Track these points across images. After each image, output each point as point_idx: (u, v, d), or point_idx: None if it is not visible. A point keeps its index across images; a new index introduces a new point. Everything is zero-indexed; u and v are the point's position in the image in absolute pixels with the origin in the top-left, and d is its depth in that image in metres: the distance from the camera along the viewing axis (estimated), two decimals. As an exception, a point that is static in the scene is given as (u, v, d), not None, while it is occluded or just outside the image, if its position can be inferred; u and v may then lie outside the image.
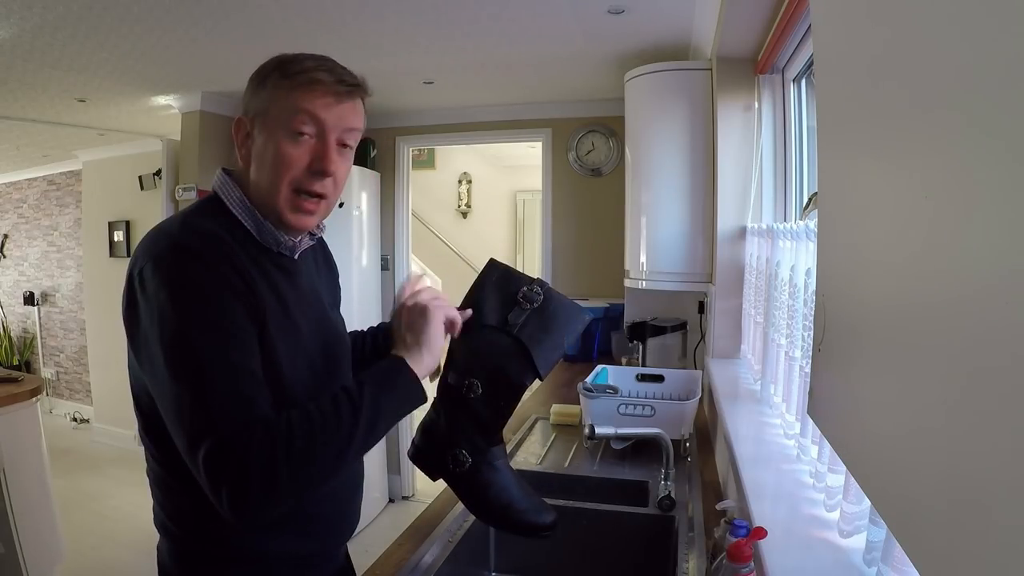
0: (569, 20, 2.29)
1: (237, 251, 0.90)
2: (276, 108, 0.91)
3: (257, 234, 0.95)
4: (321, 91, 0.91)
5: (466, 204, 6.06)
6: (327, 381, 1.01)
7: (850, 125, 0.66)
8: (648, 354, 2.96)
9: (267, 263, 0.95)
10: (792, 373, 1.31)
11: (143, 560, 3.10)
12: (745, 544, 0.94)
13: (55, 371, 5.76)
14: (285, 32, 2.38)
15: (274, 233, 0.95)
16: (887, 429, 0.54)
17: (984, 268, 0.37)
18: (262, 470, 0.80)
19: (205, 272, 0.85)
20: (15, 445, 2.59)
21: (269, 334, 0.90)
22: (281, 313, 0.93)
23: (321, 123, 0.92)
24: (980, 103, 0.37)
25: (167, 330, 0.83)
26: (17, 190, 5.91)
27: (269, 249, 0.96)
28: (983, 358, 0.37)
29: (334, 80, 0.92)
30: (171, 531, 0.96)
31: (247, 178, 0.96)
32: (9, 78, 2.87)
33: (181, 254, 0.85)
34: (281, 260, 0.98)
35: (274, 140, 0.91)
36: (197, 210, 0.95)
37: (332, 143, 0.93)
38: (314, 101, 0.91)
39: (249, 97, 0.94)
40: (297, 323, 0.96)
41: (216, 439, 0.79)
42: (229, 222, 0.94)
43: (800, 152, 2.03)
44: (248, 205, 0.95)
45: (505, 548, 1.56)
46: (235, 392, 0.82)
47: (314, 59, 0.94)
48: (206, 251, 0.86)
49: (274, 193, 0.93)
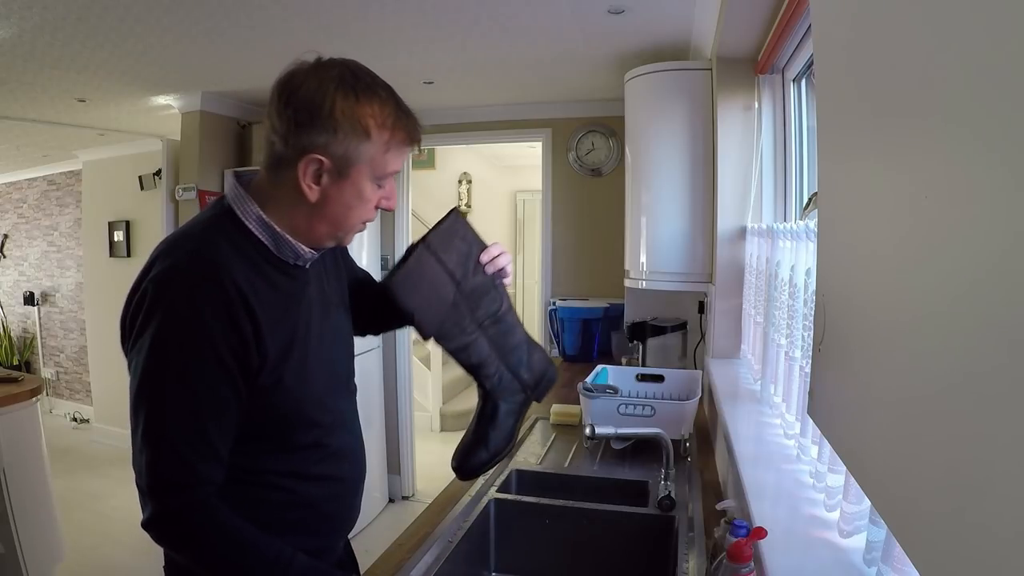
0: (569, 20, 2.29)
1: (247, 272, 0.92)
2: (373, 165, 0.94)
3: (275, 249, 0.97)
4: (408, 151, 0.99)
5: (466, 204, 6.07)
6: (332, 385, 1.06)
7: (850, 125, 0.66)
8: (648, 354, 2.96)
9: (276, 274, 0.97)
10: (792, 373, 1.31)
11: (143, 560, 3.12)
12: (745, 544, 0.94)
13: (55, 371, 5.76)
14: (285, 32, 2.38)
15: (294, 247, 0.98)
16: (887, 429, 0.54)
17: (984, 268, 0.37)
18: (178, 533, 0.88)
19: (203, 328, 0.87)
20: (15, 445, 2.59)
21: (268, 353, 0.92)
22: (287, 326, 0.96)
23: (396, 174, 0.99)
24: (980, 104, 0.37)
25: (148, 359, 0.86)
26: (17, 190, 5.91)
27: (284, 261, 0.98)
28: (983, 358, 0.37)
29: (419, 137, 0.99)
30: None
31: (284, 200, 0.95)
32: (9, 78, 2.87)
33: (181, 285, 0.87)
34: (292, 270, 1.00)
35: (359, 188, 0.94)
36: (212, 226, 0.95)
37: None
38: (402, 161, 0.99)
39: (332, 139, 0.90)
40: (305, 332, 1.00)
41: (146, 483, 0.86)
42: (244, 238, 0.95)
43: (800, 152, 2.03)
44: (266, 221, 0.95)
45: (505, 548, 1.56)
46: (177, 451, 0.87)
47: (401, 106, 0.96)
48: (212, 299, 0.87)
49: (346, 226, 0.98)
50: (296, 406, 0.98)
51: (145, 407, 0.87)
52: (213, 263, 0.89)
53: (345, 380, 1.13)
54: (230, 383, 0.89)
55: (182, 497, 0.87)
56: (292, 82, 0.91)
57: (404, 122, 0.95)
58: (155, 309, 0.86)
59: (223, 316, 0.87)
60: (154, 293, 0.87)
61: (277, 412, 0.96)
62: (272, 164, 0.94)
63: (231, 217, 0.96)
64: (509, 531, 1.56)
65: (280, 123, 0.91)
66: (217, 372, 0.88)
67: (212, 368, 0.87)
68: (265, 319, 0.91)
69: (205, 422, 0.88)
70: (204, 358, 0.87)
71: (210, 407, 0.88)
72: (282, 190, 0.94)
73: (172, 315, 0.86)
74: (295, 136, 0.90)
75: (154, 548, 0.99)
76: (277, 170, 0.94)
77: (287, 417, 0.98)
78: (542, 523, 1.54)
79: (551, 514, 1.54)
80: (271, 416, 0.96)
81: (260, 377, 0.92)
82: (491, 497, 1.58)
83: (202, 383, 0.87)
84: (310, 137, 0.90)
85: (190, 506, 0.87)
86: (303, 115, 0.89)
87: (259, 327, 0.91)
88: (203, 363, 0.87)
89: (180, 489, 0.87)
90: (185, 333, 0.86)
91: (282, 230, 0.96)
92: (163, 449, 0.86)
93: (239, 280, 0.90)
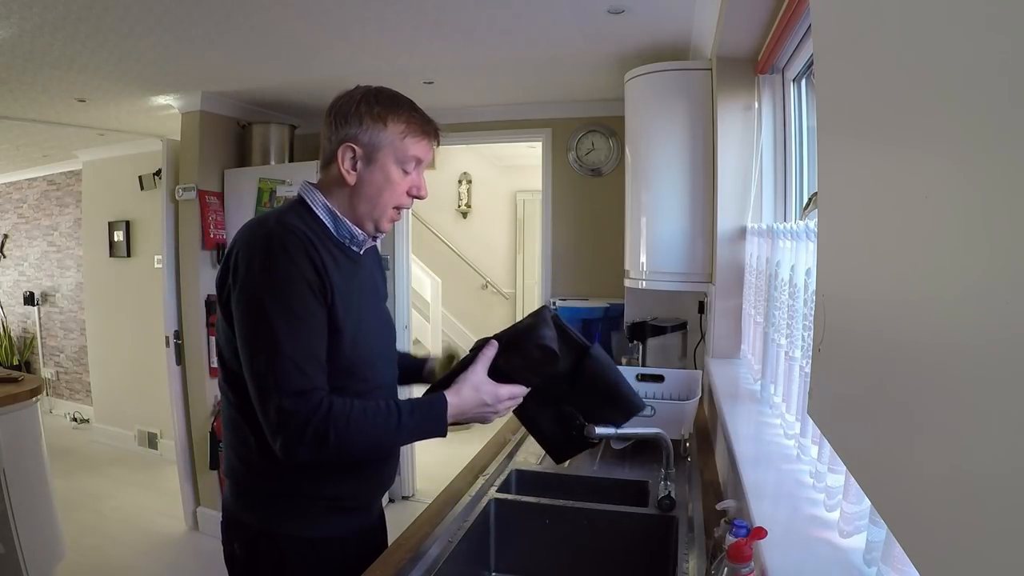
0: (569, 20, 2.29)
1: (317, 245, 1.13)
2: (394, 148, 1.18)
3: (334, 230, 1.20)
4: (427, 141, 1.21)
5: (466, 204, 6.06)
6: (382, 353, 1.29)
7: (850, 125, 0.66)
8: (648, 354, 2.96)
9: (338, 253, 1.19)
10: (792, 373, 1.31)
11: (143, 560, 3.13)
12: (745, 544, 0.94)
13: (55, 371, 5.76)
14: (286, 32, 2.38)
15: (350, 228, 1.21)
16: (887, 429, 0.54)
17: (984, 268, 0.37)
18: (315, 434, 1.06)
19: (288, 264, 1.08)
20: (15, 445, 2.59)
21: (337, 312, 1.13)
22: (348, 294, 1.16)
23: (421, 163, 1.22)
24: (981, 104, 0.37)
25: (254, 308, 1.08)
26: (17, 190, 5.91)
27: (342, 243, 1.21)
28: (983, 358, 0.37)
29: (435, 131, 1.22)
30: (237, 470, 1.21)
31: (334, 187, 1.20)
32: (9, 78, 2.87)
33: (272, 243, 1.09)
34: (350, 252, 1.22)
35: (386, 171, 1.19)
36: (288, 210, 1.19)
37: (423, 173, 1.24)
38: (424, 150, 1.21)
39: (357, 128, 1.17)
40: (361, 303, 1.21)
41: (280, 401, 1.05)
42: (312, 220, 1.18)
43: (800, 152, 2.03)
44: (329, 207, 1.20)
45: (505, 548, 1.56)
46: (300, 368, 1.06)
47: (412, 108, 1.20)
48: (291, 245, 1.09)
49: (379, 207, 1.21)
50: (352, 358, 1.17)
51: (263, 340, 1.07)
52: (290, 223, 1.13)
53: (390, 354, 1.35)
54: (322, 310, 1.11)
55: (312, 400, 1.06)
56: (335, 101, 1.20)
57: (418, 116, 1.20)
58: (253, 263, 1.08)
59: (305, 259, 1.09)
60: (248, 252, 1.10)
61: (337, 357, 1.14)
62: (325, 162, 1.22)
63: (302, 204, 1.20)
64: (509, 531, 1.56)
65: (327, 128, 1.20)
66: (313, 301, 1.09)
67: (309, 297, 1.09)
68: (330, 273, 1.12)
69: (312, 339, 1.09)
70: (301, 290, 1.08)
71: (312, 328, 1.09)
72: (332, 180, 1.20)
73: (269, 263, 1.08)
74: (335, 133, 1.18)
75: (154, 548, 0.99)
76: (328, 165, 1.21)
77: (343, 368, 1.16)
78: (542, 523, 1.54)
79: (551, 514, 1.54)
80: (332, 357, 1.14)
81: (331, 317, 1.12)
82: (491, 497, 1.58)
83: (305, 310, 1.08)
84: (344, 131, 1.17)
85: (319, 406, 1.06)
86: (339, 118, 1.18)
87: (329, 275, 1.12)
88: (302, 294, 1.08)
89: (308, 394, 1.06)
90: (283, 272, 1.08)
91: (340, 214, 1.20)
92: (287, 368, 1.06)
93: (312, 239, 1.13)
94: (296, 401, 1.05)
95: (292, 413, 1.05)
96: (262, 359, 1.07)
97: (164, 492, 3.91)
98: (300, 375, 1.06)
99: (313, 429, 1.05)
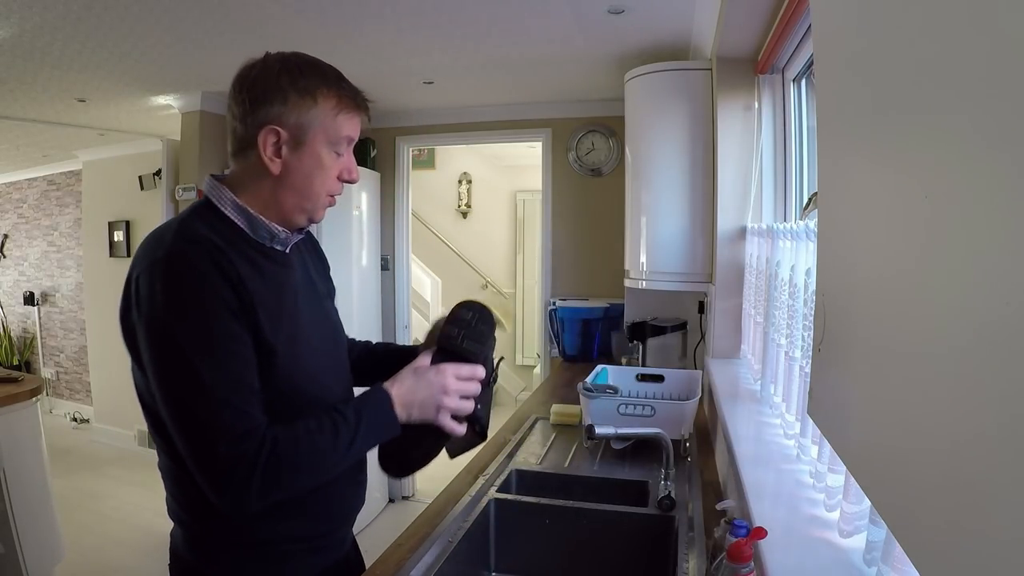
0: (569, 20, 2.29)
1: (229, 252, 0.94)
2: (324, 128, 0.99)
3: (250, 231, 1.01)
4: (359, 116, 1.03)
5: (466, 204, 6.06)
6: (328, 363, 1.11)
7: (850, 125, 0.66)
8: (648, 354, 2.96)
9: (259, 258, 1.00)
10: (792, 373, 1.31)
11: (143, 560, 3.12)
12: (745, 544, 0.94)
13: (55, 371, 5.76)
14: (285, 32, 2.38)
15: (268, 227, 1.01)
16: (887, 429, 0.54)
17: (984, 267, 0.37)
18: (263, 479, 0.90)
19: (196, 282, 0.90)
20: (15, 445, 2.59)
21: (263, 330, 0.95)
22: (276, 304, 0.99)
23: (351, 142, 1.05)
24: (981, 104, 0.37)
25: (164, 341, 0.89)
26: (17, 190, 5.91)
27: (262, 244, 1.02)
28: (983, 358, 0.37)
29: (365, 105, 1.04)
30: (184, 520, 1.04)
31: (251, 180, 1.01)
32: (9, 78, 2.87)
33: (174, 263, 0.90)
34: (273, 253, 1.04)
35: (317, 155, 1.00)
36: (191, 215, 0.99)
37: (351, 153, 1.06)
38: (354, 127, 1.03)
39: (284, 108, 0.97)
40: (294, 311, 1.03)
41: (215, 448, 0.88)
42: (222, 223, 0.99)
43: (800, 152, 2.03)
44: (239, 204, 1.00)
45: (505, 548, 1.56)
46: (231, 404, 0.90)
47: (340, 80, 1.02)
48: (197, 259, 0.91)
49: (312, 197, 1.02)
50: (290, 381, 1.00)
51: (182, 380, 0.89)
52: (197, 236, 0.94)
53: (340, 364, 1.16)
54: (245, 332, 0.93)
55: (254, 440, 0.90)
56: (245, 73, 0.99)
57: (349, 90, 1.02)
58: (156, 291, 0.89)
59: (217, 276, 0.91)
60: (149, 278, 0.90)
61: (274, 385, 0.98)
62: (237, 149, 1.01)
63: (208, 206, 1.01)
64: (509, 531, 1.56)
65: (238, 108, 0.98)
66: (232, 322, 0.92)
67: (227, 319, 0.91)
68: (251, 287, 0.95)
69: (239, 369, 0.92)
70: (217, 312, 0.91)
71: (239, 357, 0.92)
72: (249, 171, 1.00)
73: (176, 290, 0.90)
74: (252, 115, 0.97)
75: (154, 548, 0.99)
76: (242, 153, 1.00)
77: (283, 391, 0.99)
78: (542, 523, 1.54)
79: (551, 514, 1.54)
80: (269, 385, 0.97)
81: (258, 338, 0.95)
82: (491, 497, 1.58)
83: (226, 338, 0.91)
84: (265, 111, 0.96)
85: (261, 445, 0.90)
86: (256, 93, 0.97)
87: (248, 290, 0.94)
88: (219, 317, 0.91)
89: (248, 435, 0.90)
90: (194, 301, 0.90)
91: (255, 211, 1.00)
92: (215, 408, 0.89)
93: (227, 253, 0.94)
94: (235, 445, 0.88)
95: (233, 460, 0.88)
96: (185, 403, 0.89)
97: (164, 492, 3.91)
98: (233, 413, 0.89)
99: (261, 474, 0.89)
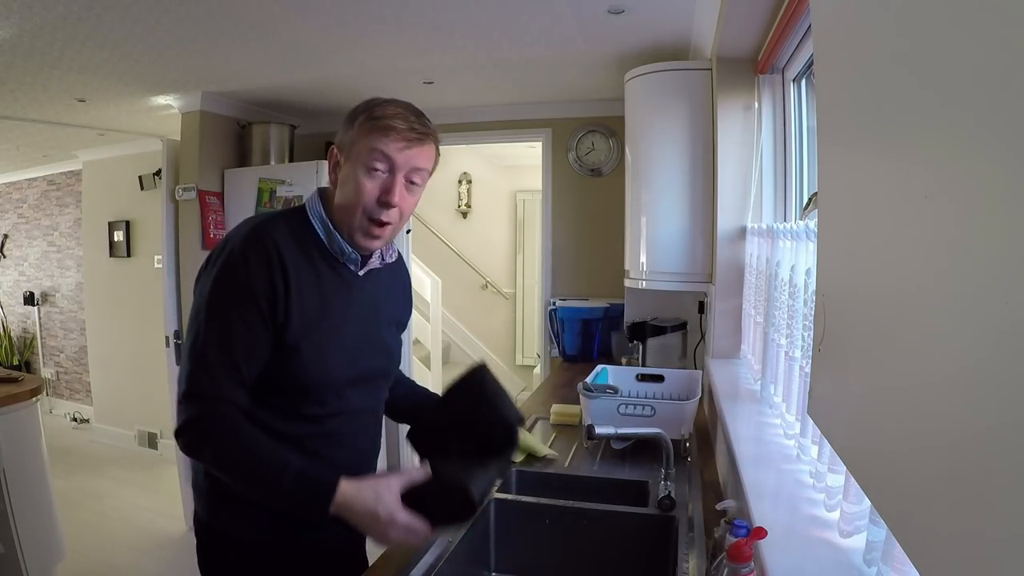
0: (569, 20, 2.29)
1: (293, 258, 1.09)
2: (358, 146, 1.09)
3: (327, 243, 1.14)
4: (395, 136, 1.08)
5: (466, 204, 6.06)
6: (358, 379, 1.19)
7: (850, 125, 0.66)
8: (648, 354, 2.96)
9: (326, 269, 1.14)
10: (792, 373, 1.31)
11: (143, 560, 3.13)
12: (745, 544, 0.94)
13: (55, 371, 5.76)
14: (285, 32, 2.38)
15: (341, 244, 1.14)
16: (887, 429, 0.54)
17: (984, 267, 0.37)
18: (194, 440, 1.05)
19: (244, 274, 1.06)
20: (15, 445, 2.59)
21: (291, 330, 1.08)
22: (319, 312, 1.11)
23: (392, 162, 1.09)
24: (981, 104, 0.37)
25: (203, 295, 1.08)
26: (17, 190, 5.91)
27: (335, 258, 1.15)
28: (983, 358, 0.37)
29: (407, 127, 1.09)
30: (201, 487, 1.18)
31: (330, 196, 1.15)
32: (9, 78, 2.87)
33: (234, 254, 1.07)
34: (344, 271, 1.16)
35: (354, 172, 1.09)
36: (281, 214, 1.16)
37: (400, 180, 1.10)
38: (388, 144, 1.08)
39: (341, 132, 1.13)
40: (337, 323, 1.14)
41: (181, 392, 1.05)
42: (303, 229, 1.14)
43: (800, 152, 2.03)
44: (324, 218, 1.14)
45: (505, 548, 1.56)
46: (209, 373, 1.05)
47: (395, 105, 1.11)
48: (254, 256, 1.06)
49: (352, 215, 1.11)
50: (305, 379, 1.11)
51: (194, 330, 1.07)
52: (267, 233, 1.09)
53: (371, 379, 1.24)
54: (262, 324, 1.06)
55: (206, 405, 1.04)
56: None
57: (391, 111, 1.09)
58: (217, 261, 1.08)
59: (264, 271, 1.06)
60: (218, 250, 1.10)
61: (289, 377, 1.10)
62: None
63: (301, 212, 1.16)
64: (509, 531, 1.56)
65: None
66: (253, 312, 1.05)
67: (249, 308, 1.05)
68: (297, 290, 1.08)
69: (237, 349, 1.05)
70: (244, 298, 1.05)
71: (243, 339, 1.06)
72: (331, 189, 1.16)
73: (227, 265, 1.07)
74: None
75: (154, 548, 1.00)
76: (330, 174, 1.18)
77: (295, 385, 1.11)
78: (542, 523, 1.54)
79: (551, 514, 1.54)
80: (284, 377, 1.10)
81: (283, 335, 1.08)
82: (491, 497, 1.58)
83: (240, 318, 1.05)
84: (336, 136, 1.14)
85: (211, 414, 1.04)
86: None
87: (290, 292, 1.07)
88: (243, 302, 1.05)
89: (205, 399, 1.04)
90: (233, 278, 1.06)
91: (332, 226, 1.14)
92: (199, 364, 1.05)
93: (285, 252, 1.08)
94: (191, 402, 1.05)
95: (184, 408, 1.05)
96: (188, 348, 1.08)
97: (164, 492, 3.91)
98: (208, 379, 1.05)
99: (196, 433, 1.05)
